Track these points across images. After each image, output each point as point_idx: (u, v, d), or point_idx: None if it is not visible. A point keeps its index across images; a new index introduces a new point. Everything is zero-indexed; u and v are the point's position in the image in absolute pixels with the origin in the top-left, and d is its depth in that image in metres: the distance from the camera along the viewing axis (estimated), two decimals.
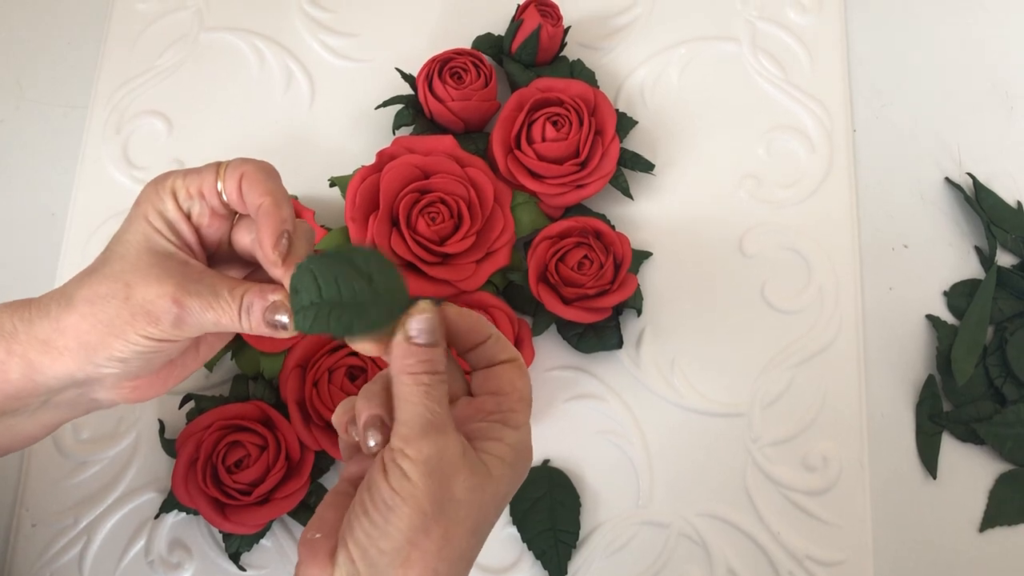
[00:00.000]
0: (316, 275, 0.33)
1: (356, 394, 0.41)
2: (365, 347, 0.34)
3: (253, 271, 0.40)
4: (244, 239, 0.38)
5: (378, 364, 0.51)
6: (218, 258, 0.39)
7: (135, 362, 0.36)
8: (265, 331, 0.35)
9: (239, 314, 0.35)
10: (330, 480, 0.54)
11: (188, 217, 0.37)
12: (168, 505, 0.52)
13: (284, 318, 0.35)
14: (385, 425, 0.33)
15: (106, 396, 0.39)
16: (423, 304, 0.34)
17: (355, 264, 0.33)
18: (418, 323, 0.33)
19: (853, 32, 0.64)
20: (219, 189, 0.36)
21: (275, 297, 0.35)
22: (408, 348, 0.33)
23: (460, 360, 0.37)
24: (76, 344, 0.35)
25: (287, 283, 0.35)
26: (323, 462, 0.53)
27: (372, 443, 0.33)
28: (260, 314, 0.35)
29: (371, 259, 0.34)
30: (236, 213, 0.38)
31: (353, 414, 0.35)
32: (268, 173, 0.36)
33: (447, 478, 0.31)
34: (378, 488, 0.31)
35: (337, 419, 0.35)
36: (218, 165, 0.36)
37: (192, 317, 0.35)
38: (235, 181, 0.36)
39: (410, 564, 0.31)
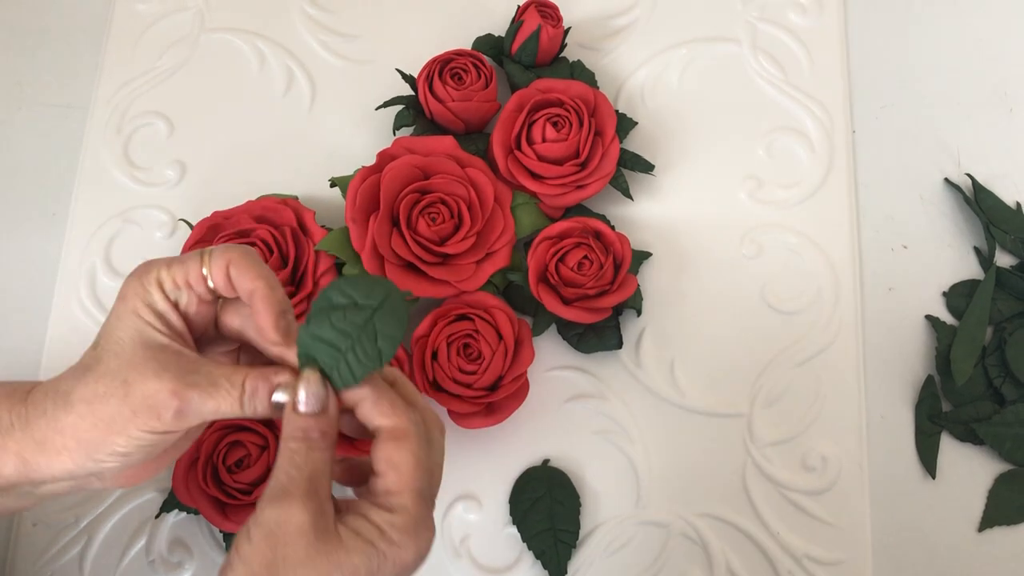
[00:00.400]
0: (318, 335, 0.34)
1: None
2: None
3: (237, 349, 0.40)
4: (233, 321, 0.38)
5: None
6: (204, 340, 0.39)
7: (137, 455, 0.36)
8: (270, 414, 0.36)
9: (240, 401, 0.35)
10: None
11: (176, 307, 0.37)
12: (169, 504, 0.52)
13: (285, 397, 0.35)
14: None
15: (103, 485, 0.39)
16: (308, 373, 0.35)
17: (337, 303, 0.34)
18: (303, 392, 0.34)
19: (853, 33, 0.65)
20: (205, 276, 0.36)
21: (280, 379, 0.35)
22: (289, 414, 0.35)
23: None
24: (75, 444, 0.35)
25: (291, 359, 0.35)
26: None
27: None
28: (267, 398, 0.35)
29: (346, 287, 0.35)
30: (220, 297, 0.38)
31: None
32: (254, 258, 0.36)
33: (284, 543, 0.32)
34: (233, 545, 0.34)
35: None
36: (201, 254, 0.36)
37: (192, 408, 0.35)
38: (222, 269, 0.36)
39: None
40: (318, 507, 0.33)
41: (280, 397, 0.35)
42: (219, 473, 0.50)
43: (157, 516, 0.53)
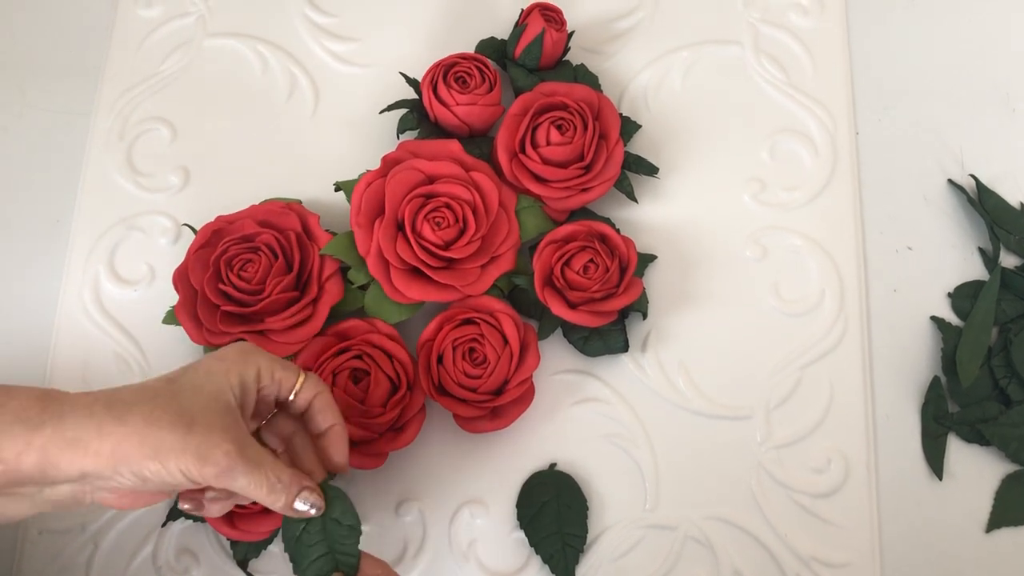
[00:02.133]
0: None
1: (359, 397, 0.51)
2: None
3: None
4: (286, 428, 0.45)
5: (380, 365, 0.51)
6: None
7: (149, 485, 0.38)
8: (285, 511, 0.41)
9: (268, 490, 0.40)
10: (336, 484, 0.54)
11: (259, 391, 0.42)
12: (175, 513, 0.52)
13: (307, 506, 0.42)
14: None
15: (97, 498, 0.40)
16: None
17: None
18: None
19: (855, 35, 0.65)
20: (295, 391, 0.43)
21: (308, 485, 0.42)
22: None
23: None
24: (110, 451, 0.37)
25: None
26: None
27: None
28: (292, 499, 0.41)
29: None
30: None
31: None
32: (335, 401, 0.44)
33: None
34: None
35: None
36: (299, 371, 0.43)
37: (231, 475, 0.38)
38: (310, 395, 0.43)
39: None
40: None
41: (300, 504, 0.41)
42: None
43: (164, 525, 0.53)
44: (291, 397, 0.43)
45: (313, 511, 0.42)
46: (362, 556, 0.44)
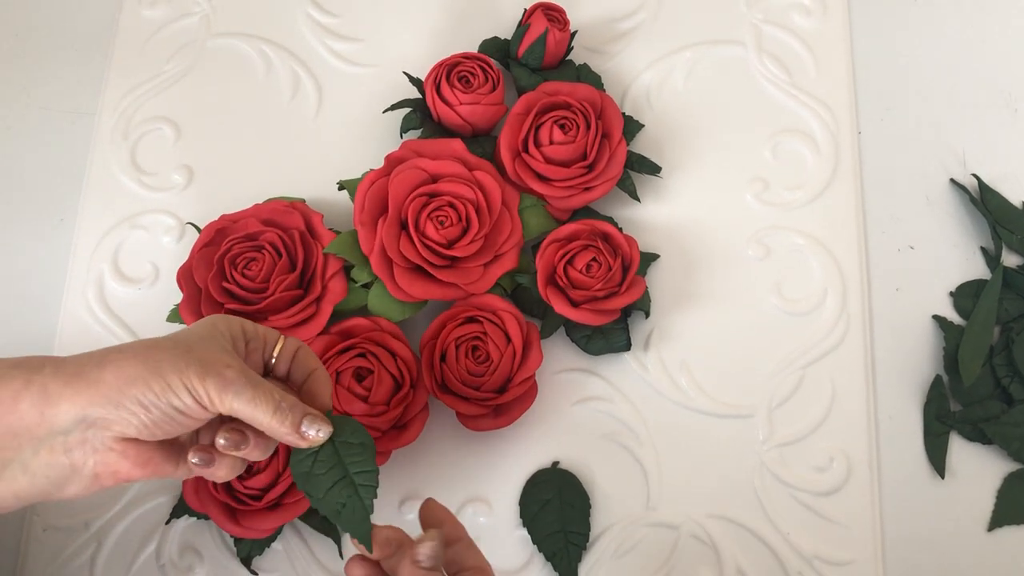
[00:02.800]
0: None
1: (362, 395, 0.51)
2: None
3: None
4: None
5: (383, 363, 0.51)
6: None
7: (153, 416, 0.37)
8: (290, 436, 0.39)
9: (276, 408, 0.38)
10: None
11: (247, 345, 0.41)
12: (179, 511, 0.52)
13: (315, 430, 0.40)
14: None
15: (97, 468, 0.39)
16: (431, 532, 0.40)
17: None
18: (425, 549, 0.39)
19: (857, 35, 0.65)
20: (277, 348, 0.41)
21: (314, 412, 0.40)
22: (413, 571, 0.39)
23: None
24: (112, 377, 0.37)
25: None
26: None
27: None
28: (298, 420, 0.39)
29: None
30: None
31: None
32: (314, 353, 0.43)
33: None
34: None
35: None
36: (280, 335, 0.42)
37: (236, 389, 0.38)
38: (291, 351, 0.42)
39: None
40: None
41: (308, 428, 0.39)
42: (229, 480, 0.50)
43: (167, 522, 0.53)
44: (275, 354, 0.41)
45: (321, 435, 0.40)
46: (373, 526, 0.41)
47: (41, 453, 0.38)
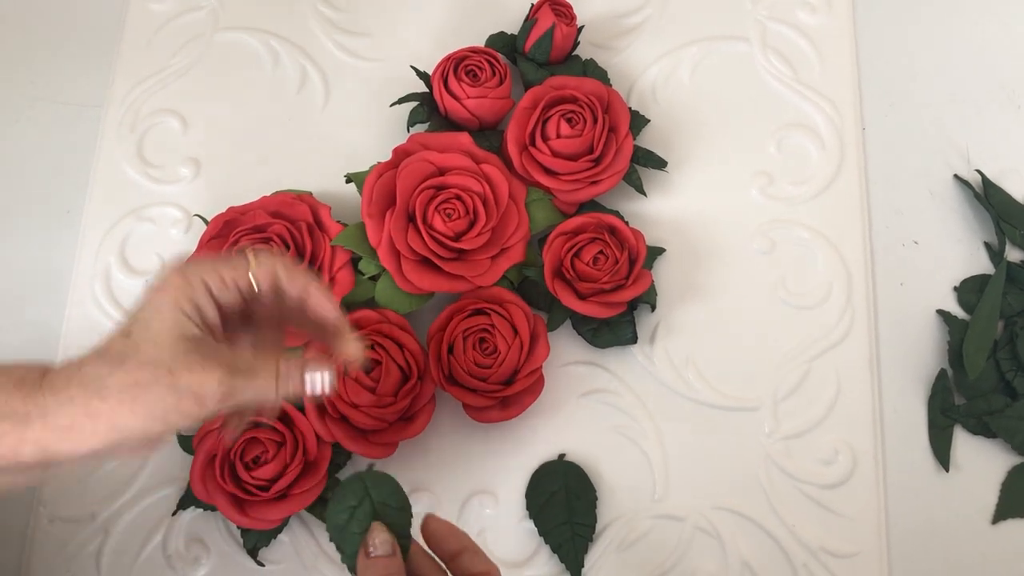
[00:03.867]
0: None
1: (370, 387, 0.51)
2: None
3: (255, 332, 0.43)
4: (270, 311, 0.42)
5: (391, 354, 0.52)
6: (227, 329, 0.41)
7: (167, 437, 0.37)
8: (301, 395, 0.39)
9: (276, 384, 0.38)
10: (346, 475, 0.54)
11: (217, 304, 0.39)
12: (186, 502, 0.52)
13: (317, 379, 0.39)
14: None
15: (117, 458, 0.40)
16: (377, 524, 0.39)
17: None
18: (374, 539, 0.39)
19: (862, 31, 0.65)
20: (252, 278, 0.39)
21: (309, 358, 0.39)
22: (366, 561, 0.39)
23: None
24: (109, 428, 0.35)
25: (346, 328, 0.41)
26: (340, 457, 0.53)
27: None
28: (299, 378, 0.39)
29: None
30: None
31: None
32: (296, 265, 0.40)
33: None
34: None
35: None
36: (246, 259, 0.39)
37: (236, 395, 0.37)
38: (270, 274, 0.39)
39: None
40: None
41: (311, 378, 0.38)
42: (236, 470, 0.50)
43: (174, 513, 0.53)
44: (254, 287, 0.39)
45: (327, 384, 0.39)
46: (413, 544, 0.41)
47: (58, 468, 0.37)
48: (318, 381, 0.39)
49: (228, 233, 0.55)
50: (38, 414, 0.35)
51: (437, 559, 0.41)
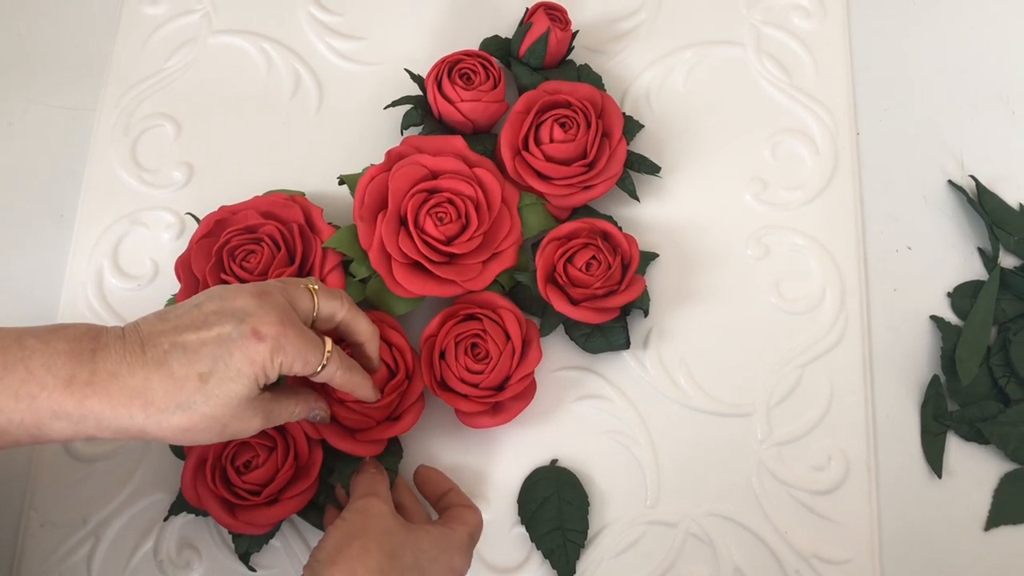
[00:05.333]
0: None
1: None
2: None
3: None
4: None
5: (386, 363, 0.52)
6: None
7: None
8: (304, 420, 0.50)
9: (292, 416, 0.47)
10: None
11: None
12: (177, 507, 0.52)
13: (318, 415, 0.49)
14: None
15: None
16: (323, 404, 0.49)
17: None
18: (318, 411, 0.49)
19: (856, 37, 0.65)
20: (321, 365, 0.44)
21: (319, 407, 0.49)
22: (356, 476, 0.51)
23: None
24: (154, 438, 0.41)
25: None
26: (331, 461, 0.53)
27: None
28: (306, 414, 0.48)
29: None
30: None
31: None
32: (363, 321, 0.48)
33: (374, 517, 0.46)
34: (330, 527, 0.46)
35: None
36: (324, 346, 0.44)
37: (266, 426, 0.45)
38: (340, 376, 0.46)
39: (335, 563, 0.43)
40: (391, 507, 0.47)
41: (314, 415, 0.49)
42: (228, 474, 0.50)
43: (166, 519, 0.53)
44: (318, 368, 0.45)
45: (324, 412, 0.49)
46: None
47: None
48: (317, 414, 0.49)
49: (219, 232, 0.55)
50: (93, 419, 0.39)
51: (417, 492, 0.52)
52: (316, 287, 0.46)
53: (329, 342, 0.45)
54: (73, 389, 0.38)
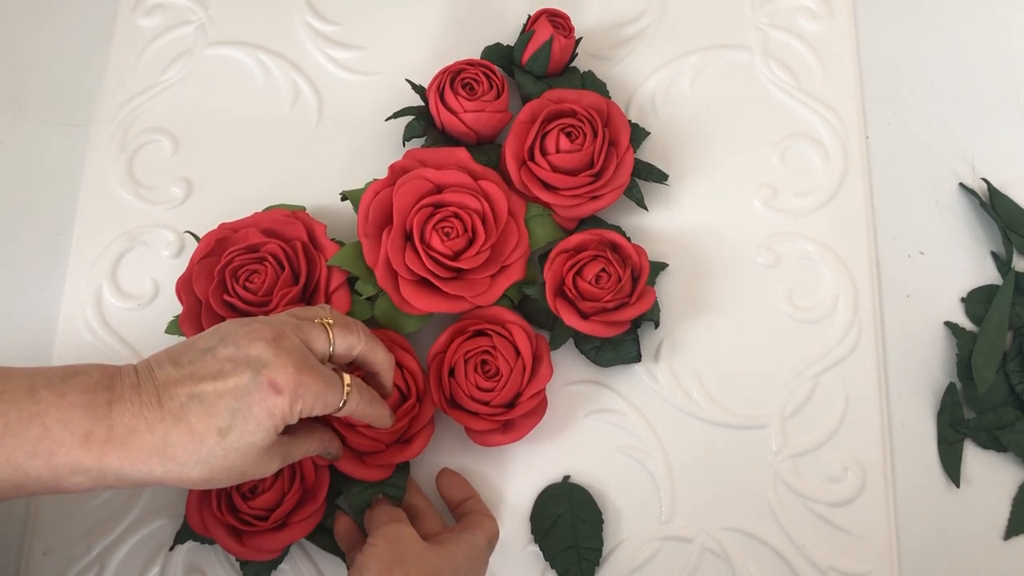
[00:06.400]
0: None
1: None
2: None
3: None
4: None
5: (397, 387, 0.51)
6: None
7: None
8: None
9: (305, 454, 0.46)
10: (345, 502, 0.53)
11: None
12: (183, 536, 0.51)
13: (331, 452, 0.49)
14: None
15: None
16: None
17: None
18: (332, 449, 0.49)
19: (864, 38, 0.64)
20: (343, 401, 0.44)
21: (332, 448, 0.49)
22: (370, 512, 0.50)
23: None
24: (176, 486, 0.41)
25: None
26: (338, 483, 0.52)
27: None
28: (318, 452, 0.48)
29: None
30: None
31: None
32: (380, 353, 0.47)
33: (403, 542, 0.45)
34: (360, 554, 0.45)
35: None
36: (343, 384, 0.44)
37: (283, 466, 0.45)
38: (360, 410, 0.45)
39: None
40: (415, 531, 0.47)
41: (325, 453, 0.49)
42: (233, 500, 0.49)
43: (171, 548, 0.51)
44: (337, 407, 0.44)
45: (336, 449, 0.49)
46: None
47: None
48: (331, 452, 0.49)
49: (221, 252, 0.53)
50: (112, 474, 0.39)
51: (424, 495, 0.52)
52: (331, 321, 0.45)
53: (348, 378, 0.44)
54: (91, 446, 0.38)
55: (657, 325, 0.56)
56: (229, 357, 0.40)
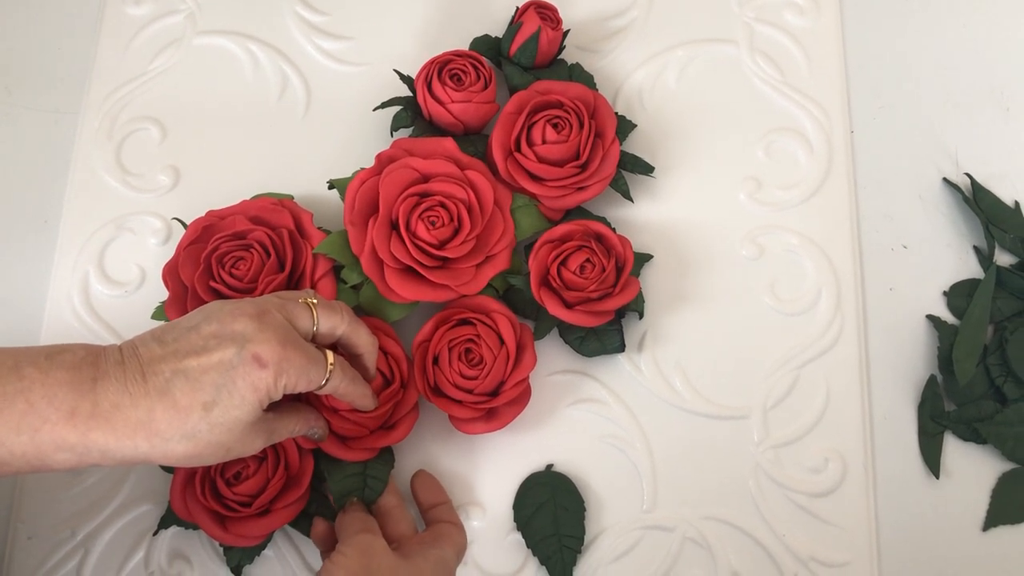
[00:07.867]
0: None
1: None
2: None
3: None
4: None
5: (382, 372, 0.51)
6: None
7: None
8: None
9: (291, 434, 0.47)
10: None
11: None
12: (166, 521, 0.51)
13: (316, 433, 0.49)
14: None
15: None
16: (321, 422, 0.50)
17: None
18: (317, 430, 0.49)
19: (850, 34, 0.65)
20: (325, 379, 0.44)
21: (318, 426, 0.49)
22: (342, 516, 0.50)
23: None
24: (162, 462, 0.41)
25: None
26: (322, 469, 0.52)
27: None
28: (304, 431, 0.48)
29: None
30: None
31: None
32: (364, 333, 0.48)
33: (373, 556, 0.45)
34: (328, 561, 0.45)
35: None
36: (327, 361, 0.44)
37: (268, 444, 0.45)
38: (342, 388, 0.46)
39: None
40: (385, 543, 0.46)
41: (311, 433, 0.49)
42: (217, 486, 0.49)
43: (155, 533, 0.52)
44: (321, 384, 0.45)
45: (322, 430, 0.49)
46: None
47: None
48: (316, 432, 0.48)
49: (207, 238, 0.54)
50: (97, 451, 0.39)
51: (398, 493, 0.51)
52: (315, 301, 0.45)
53: (331, 355, 0.44)
54: (76, 422, 0.38)
55: (641, 316, 0.56)
56: (213, 333, 0.41)
